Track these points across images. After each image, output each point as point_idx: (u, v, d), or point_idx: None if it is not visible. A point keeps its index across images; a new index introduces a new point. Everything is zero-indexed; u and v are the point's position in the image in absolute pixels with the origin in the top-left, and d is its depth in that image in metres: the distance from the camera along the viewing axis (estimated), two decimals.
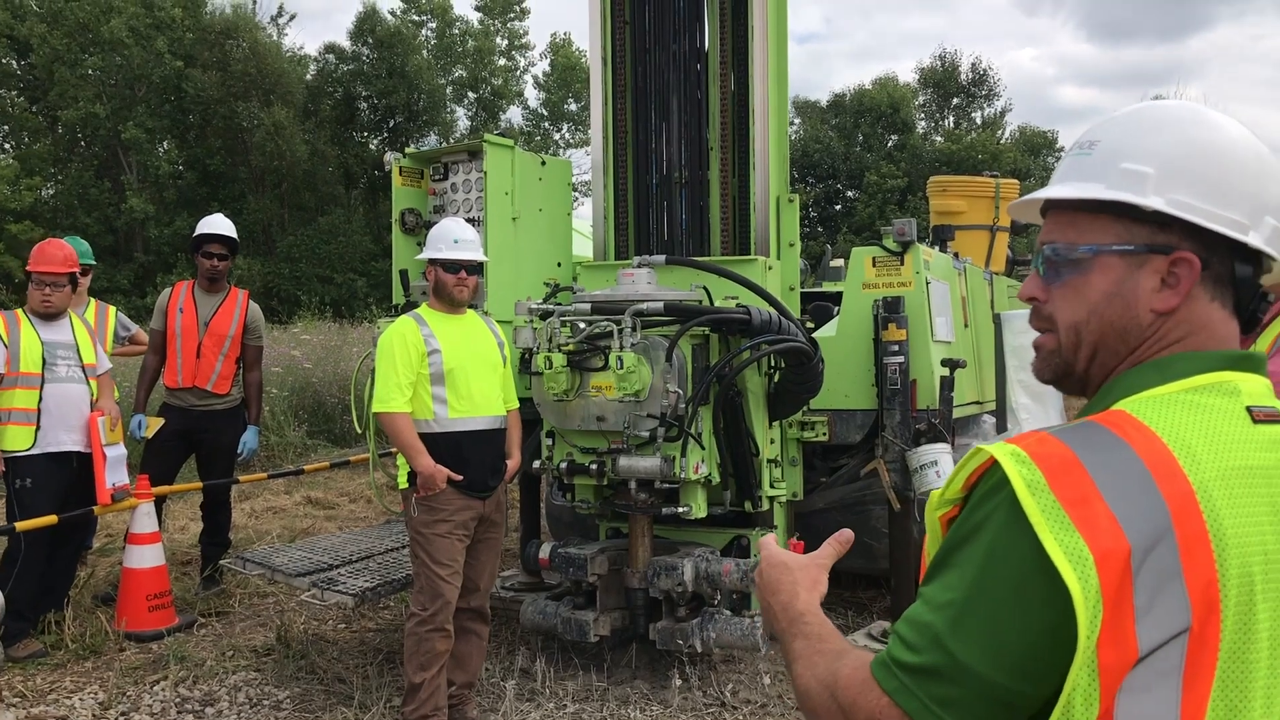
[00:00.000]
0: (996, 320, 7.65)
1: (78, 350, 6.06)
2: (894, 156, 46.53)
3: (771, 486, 5.50)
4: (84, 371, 6.05)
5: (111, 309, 7.55)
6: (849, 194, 47.92)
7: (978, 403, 7.02)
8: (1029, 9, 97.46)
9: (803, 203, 48.69)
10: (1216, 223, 1.25)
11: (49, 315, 6.01)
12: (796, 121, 51.25)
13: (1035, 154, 47.97)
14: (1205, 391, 1.22)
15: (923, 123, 51.18)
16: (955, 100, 50.99)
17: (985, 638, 1.11)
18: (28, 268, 6.04)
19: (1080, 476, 1.11)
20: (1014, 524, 1.11)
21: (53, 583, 6.09)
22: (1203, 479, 1.12)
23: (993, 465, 1.16)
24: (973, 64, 50.39)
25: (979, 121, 50.39)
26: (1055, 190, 1.35)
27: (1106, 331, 1.31)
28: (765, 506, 5.47)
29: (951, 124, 50.87)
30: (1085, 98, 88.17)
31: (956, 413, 6.00)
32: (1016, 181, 10.90)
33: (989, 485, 1.16)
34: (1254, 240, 1.26)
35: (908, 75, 61.14)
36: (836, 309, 6.26)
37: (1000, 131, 49.46)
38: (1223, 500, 1.12)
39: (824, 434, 5.90)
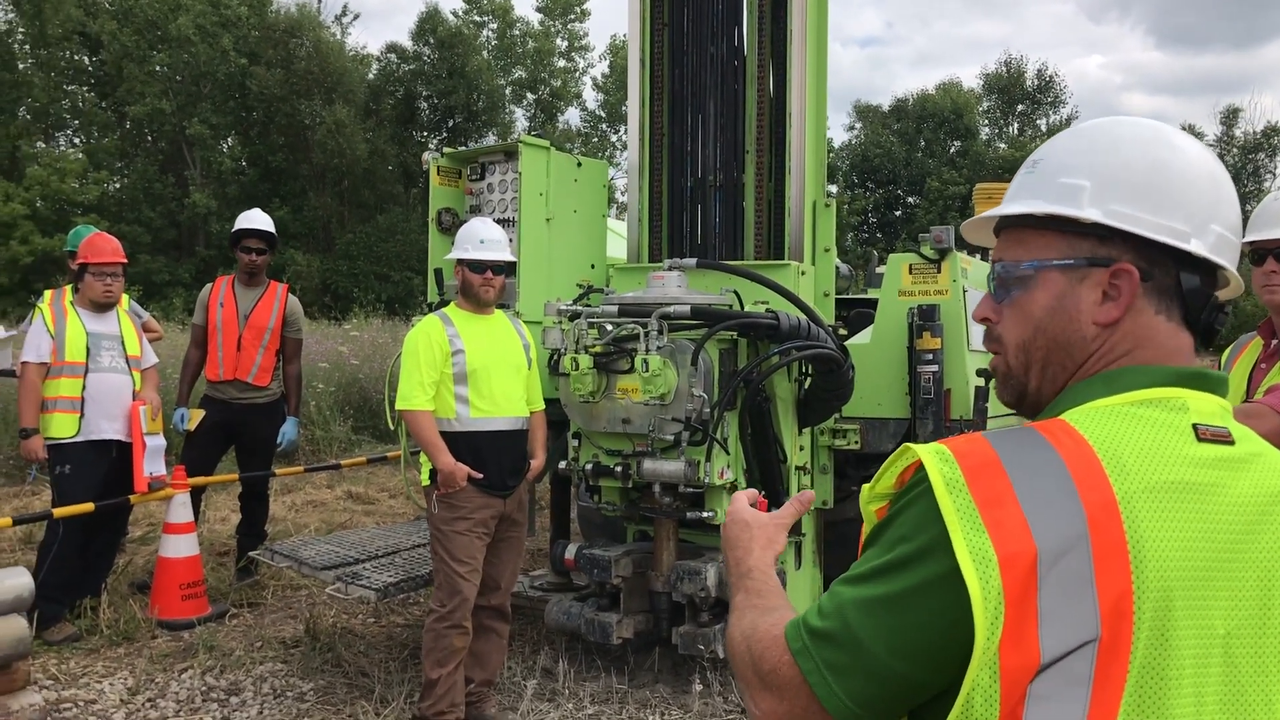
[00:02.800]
0: None
1: (122, 342, 6.23)
2: (956, 163, 46.08)
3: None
4: (128, 362, 6.19)
5: (124, 295, 7.65)
6: (910, 200, 47.52)
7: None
8: (1096, 16, 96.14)
9: (862, 208, 48.20)
10: (1154, 231, 1.24)
11: (107, 305, 6.18)
12: (857, 126, 50.94)
13: None
14: (1151, 405, 1.21)
15: (986, 129, 50.63)
16: (1020, 107, 50.37)
17: (885, 620, 1.12)
18: (83, 260, 6.20)
19: (998, 477, 1.11)
20: (930, 520, 1.11)
21: (91, 569, 6.21)
22: (1128, 490, 1.11)
23: (920, 466, 1.17)
24: (1039, 70, 49.77)
25: (1044, 129, 49.70)
26: (997, 209, 1.36)
27: (1052, 347, 1.31)
28: None
29: (1016, 131, 50.24)
30: (1155, 105, 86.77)
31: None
32: None
33: (916, 485, 1.16)
34: (1196, 248, 1.24)
35: (971, 81, 60.50)
36: None
37: None
38: (1148, 514, 1.10)
39: (856, 442, 5.83)
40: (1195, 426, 1.19)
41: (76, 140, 39.28)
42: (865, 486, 1.26)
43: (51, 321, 6.02)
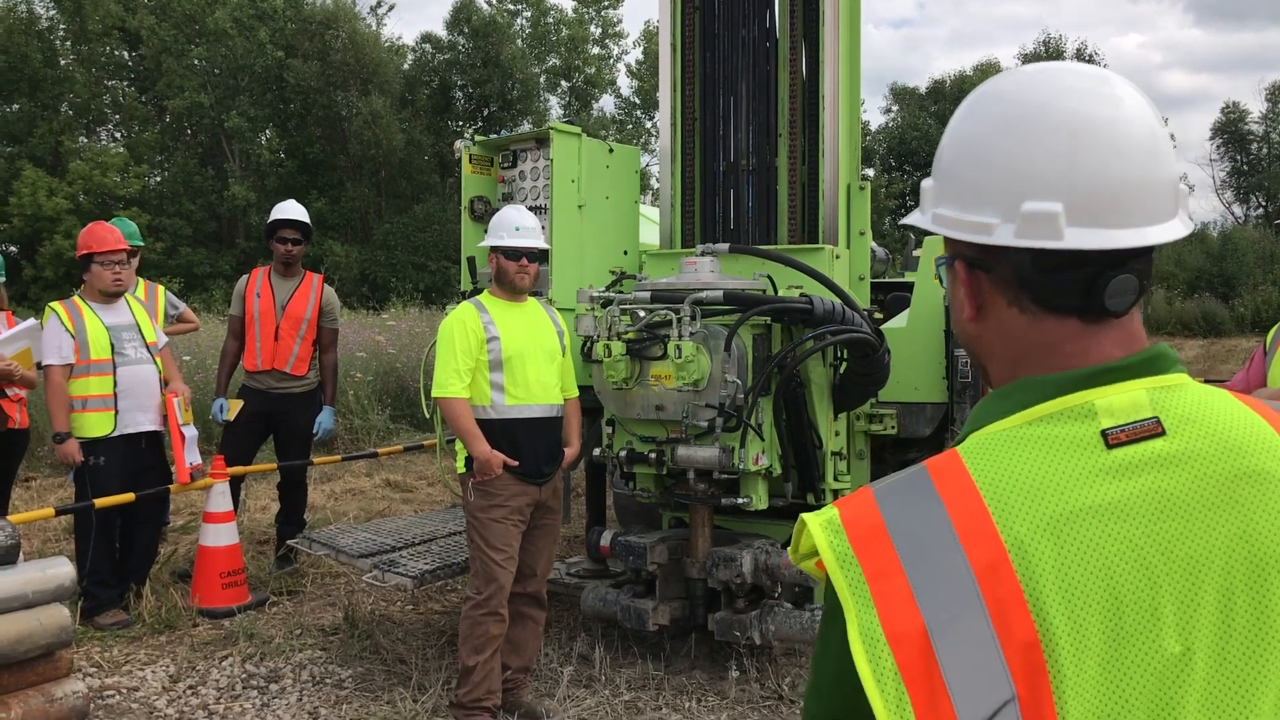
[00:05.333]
0: None
1: (139, 330, 6.21)
2: None
3: (835, 479, 5.41)
4: (149, 350, 6.19)
5: (160, 287, 7.71)
6: None
7: None
8: None
9: (899, 191, 47.86)
10: (961, 230, 1.17)
11: (116, 294, 6.15)
12: (894, 109, 50.51)
13: None
14: (1050, 421, 1.10)
15: None
16: None
17: (820, 706, 1.10)
18: (87, 251, 6.13)
19: (883, 546, 1.04)
20: (833, 601, 1.06)
21: (134, 560, 6.28)
22: (1017, 536, 1.02)
23: None
24: (1078, 49, 49.09)
25: None
26: (915, 216, 1.33)
27: (965, 349, 1.28)
28: (829, 500, 5.38)
29: None
30: (1197, 84, 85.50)
31: None
32: None
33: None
34: (1000, 238, 1.13)
35: (1009, 61, 59.77)
36: None
37: None
38: (1046, 552, 1.01)
39: (893, 427, 5.78)
40: (1104, 433, 1.08)
41: (117, 135, 39.76)
42: (790, 550, 1.17)
43: (69, 320, 5.95)
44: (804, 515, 1.11)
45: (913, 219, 1.27)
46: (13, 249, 33.59)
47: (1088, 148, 1.10)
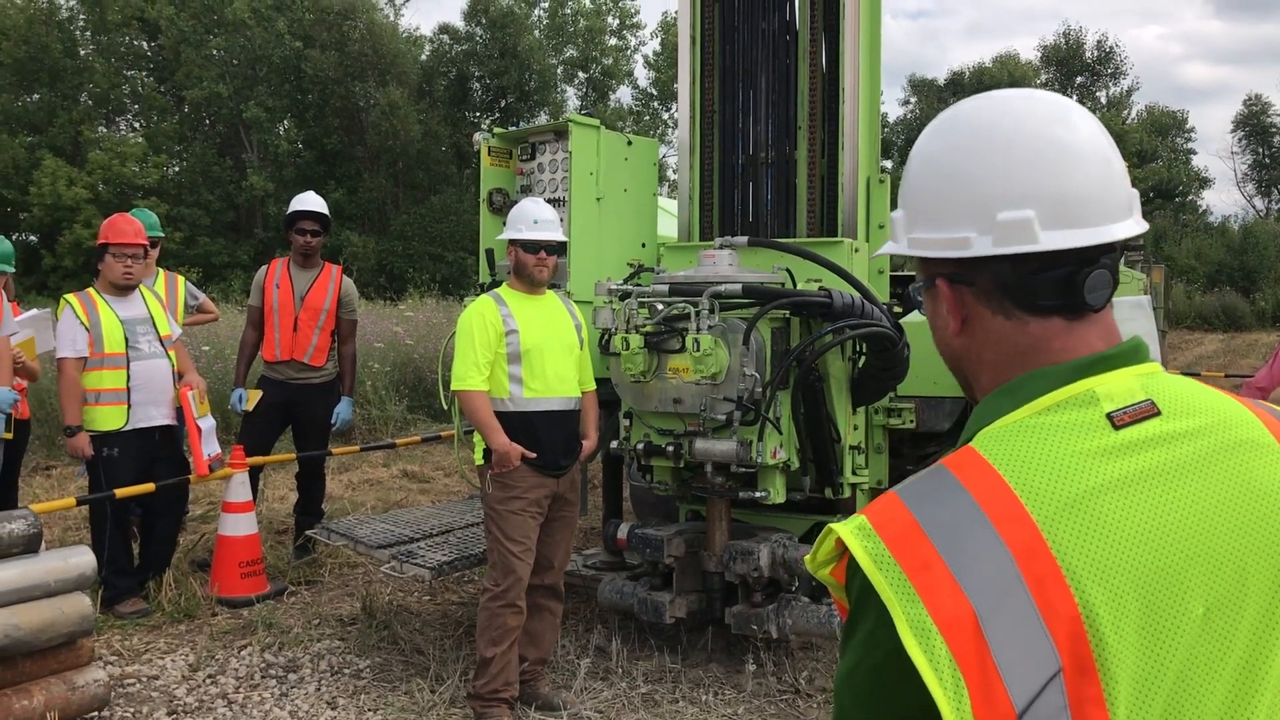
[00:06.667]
0: None
1: (153, 323, 6.19)
2: None
3: (854, 474, 5.40)
4: (163, 344, 6.17)
5: (180, 278, 7.70)
6: None
7: None
8: None
9: None
10: (938, 249, 1.25)
11: (127, 288, 6.15)
12: (913, 101, 50.29)
13: (1163, 135, 46.26)
14: (1058, 409, 1.17)
15: None
16: (1079, 79, 49.42)
17: (869, 709, 1.11)
18: (103, 241, 6.15)
19: (919, 541, 1.07)
20: (869, 600, 1.09)
21: (154, 550, 6.32)
22: (1047, 514, 1.07)
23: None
24: (1099, 40, 48.79)
25: (1104, 101, 48.75)
26: (885, 246, 1.40)
27: (948, 363, 1.35)
28: (846, 494, 5.37)
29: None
30: (1217, 76, 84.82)
31: None
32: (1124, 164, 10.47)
33: (851, 562, 1.13)
34: (979, 250, 1.22)
35: (1027, 53, 59.49)
36: None
37: (1126, 112, 47.79)
38: (1070, 531, 1.07)
39: (911, 421, 5.76)
40: (1110, 415, 1.15)
41: (136, 125, 39.99)
42: (807, 558, 1.21)
43: (83, 313, 5.94)
44: (831, 525, 1.15)
45: (887, 249, 1.35)
46: (33, 238, 33.84)
47: (1052, 160, 1.21)
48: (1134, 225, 1.25)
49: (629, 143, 6.04)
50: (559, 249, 4.98)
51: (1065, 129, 1.23)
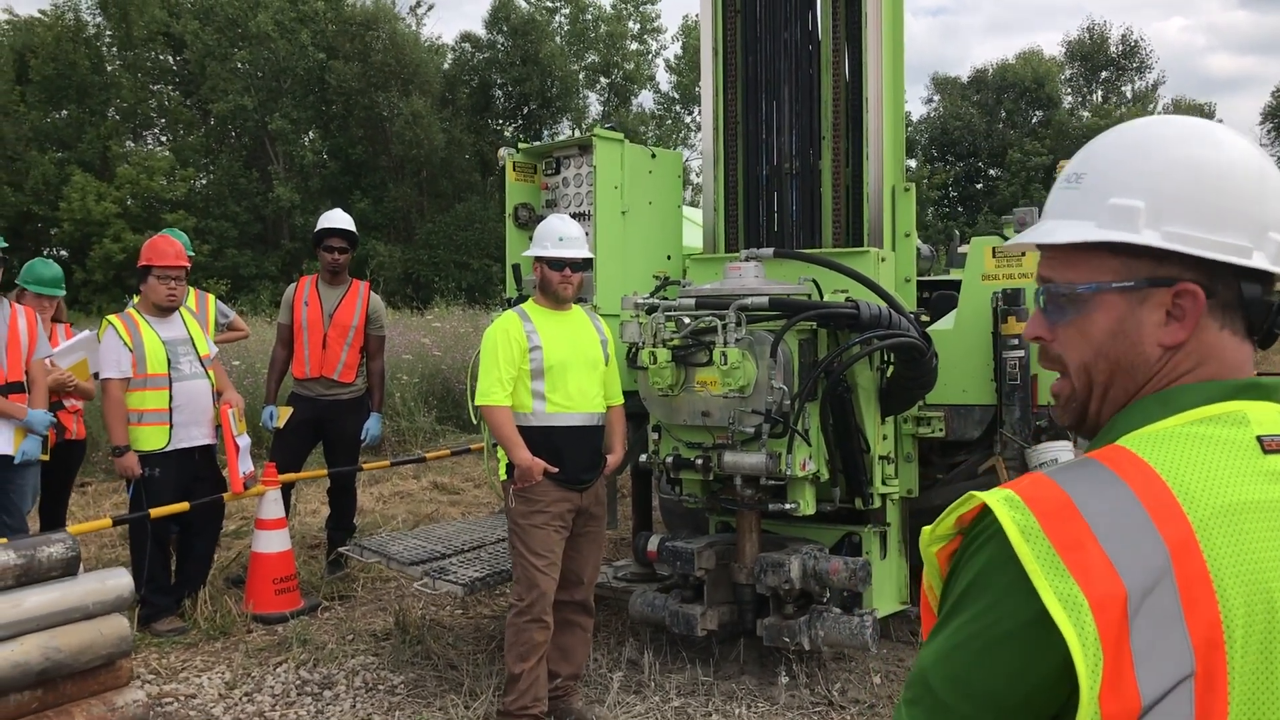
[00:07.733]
0: None
1: (193, 344, 6.28)
2: (1038, 133, 45.09)
3: (884, 484, 5.38)
4: (203, 364, 6.27)
5: (210, 296, 7.78)
6: (991, 172, 46.62)
7: None
8: None
9: (942, 182, 47.38)
10: (1216, 251, 1.19)
11: (169, 309, 6.23)
12: (935, 99, 50.08)
13: None
14: (1211, 423, 1.17)
15: (1069, 98, 49.39)
16: (1104, 73, 49.08)
17: (967, 678, 1.10)
18: (145, 263, 6.23)
19: (1074, 520, 1.07)
20: (1000, 568, 1.08)
21: (190, 569, 6.39)
22: (1201, 517, 1.07)
23: (984, 510, 1.13)
24: (1123, 35, 48.43)
25: (1129, 95, 48.39)
26: (1045, 234, 1.29)
27: (1115, 370, 1.26)
28: (877, 504, 5.36)
29: (1100, 98, 48.97)
30: (1242, 67, 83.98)
31: None
32: None
33: (983, 532, 1.12)
34: (1259, 262, 1.20)
35: (1051, 48, 59.10)
36: None
37: (1153, 105, 47.40)
38: (1223, 539, 1.07)
39: (940, 430, 5.74)
40: (1260, 439, 1.15)
41: (163, 139, 40.37)
42: (925, 530, 1.21)
43: (126, 333, 6.03)
44: (974, 492, 1.15)
45: (1122, 236, 1.22)
46: (63, 253, 34.18)
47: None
48: None
49: (653, 155, 6.06)
50: (584, 266, 4.99)
51: None
